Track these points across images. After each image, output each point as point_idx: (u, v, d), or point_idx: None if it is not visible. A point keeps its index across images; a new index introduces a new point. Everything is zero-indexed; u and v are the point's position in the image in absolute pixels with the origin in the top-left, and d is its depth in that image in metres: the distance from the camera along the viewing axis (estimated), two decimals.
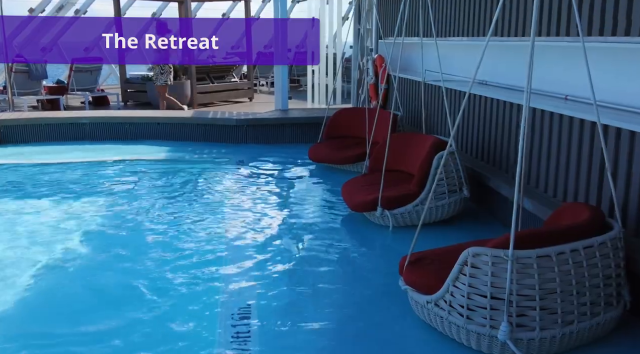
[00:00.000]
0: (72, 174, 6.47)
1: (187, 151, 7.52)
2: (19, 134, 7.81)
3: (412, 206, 4.58)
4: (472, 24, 5.73)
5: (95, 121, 8.10)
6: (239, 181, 6.31)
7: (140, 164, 6.90)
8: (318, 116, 7.84)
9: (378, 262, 4.12)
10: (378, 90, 8.14)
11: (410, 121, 7.31)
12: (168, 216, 5.01)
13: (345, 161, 6.43)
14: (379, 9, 8.63)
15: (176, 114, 8.71)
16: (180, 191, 5.83)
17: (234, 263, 4.00)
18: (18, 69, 10.65)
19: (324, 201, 5.62)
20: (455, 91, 5.88)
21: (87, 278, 3.75)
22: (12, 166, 6.78)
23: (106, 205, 5.29)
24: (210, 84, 12.34)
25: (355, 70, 10.13)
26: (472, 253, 2.62)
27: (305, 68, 13.52)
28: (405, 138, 5.27)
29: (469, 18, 5.80)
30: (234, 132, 8.06)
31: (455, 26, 6.14)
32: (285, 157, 7.29)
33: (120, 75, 12.27)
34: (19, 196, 5.59)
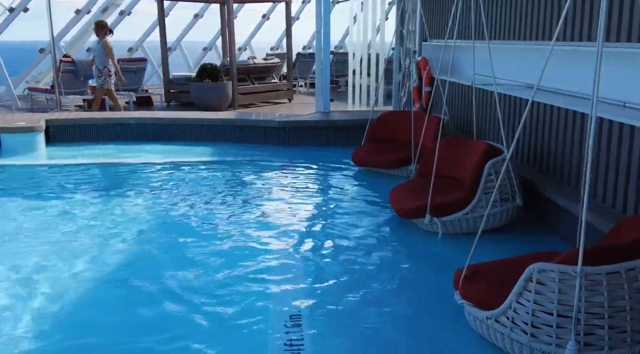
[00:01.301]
0: (117, 174, 6.57)
1: (229, 153, 7.55)
2: (67, 134, 7.97)
3: (462, 213, 4.47)
4: (524, 27, 5.57)
5: (142, 122, 8.21)
6: (281, 185, 6.29)
7: (184, 166, 6.96)
8: (360, 119, 7.79)
9: (428, 271, 4.03)
10: (421, 93, 8.02)
11: (456, 125, 7.17)
12: (211, 219, 5.02)
13: (390, 165, 6.35)
14: (423, 10, 8.49)
15: (219, 115, 8.76)
16: (223, 194, 5.84)
17: (280, 269, 3.97)
18: (65, 69, 10.89)
19: (370, 206, 5.55)
20: (506, 95, 5.73)
21: (131, 280, 3.77)
22: (59, 166, 6.93)
23: (149, 207, 5.33)
24: (251, 85, 12.39)
25: (397, 72, 10.03)
26: (538, 269, 2.52)
27: (344, 68, 13.47)
28: (455, 143, 5.16)
29: (520, 21, 5.64)
30: (276, 135, 8.06)
31: (506, 29, 5.98)
32: (327, 160, 7.25)
33: (164, 76, 12.43)
34: (64, 196, 5.68)
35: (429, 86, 7.76)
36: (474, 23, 5.26)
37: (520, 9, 5.64)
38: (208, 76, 11.17)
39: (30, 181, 6.36)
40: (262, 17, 17.62)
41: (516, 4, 5.72)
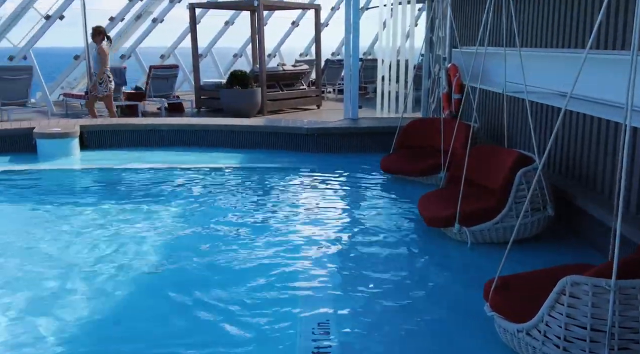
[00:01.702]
0: (148, 179, 6.68)
1: (258, 160, 7.62)
2: (101, 139, 8.14)
3: (492, 223, 4.43)
4: (556, 34, 5.50)
5: (173, 128, 8.34)
6: (309, 192, 6.32)
7: (213, 172, 7.03)
8: (389, 126, 7.77)
9: (457, 281, 4.00)
10: (451, 100, 7.97)
11: (486, 133, 7.10)
12: (240, 225, 5.05)
13: (419, 173, 6.31)
14: (454, 16, 8.45)
15: (248, 122, 8.84)
16: (251, 201, 5.89)
17: (308, 276, 3.99)
18: None
19: (398, 214, 5.53)
20: (537, 103, 5.66)
21: (162, 286, 3.82)
22: (92, 170, 7.08)
23: (179, 213, 5.40)
24: (280, 91, 12.47)
25: (426, 79, 9.98)
26: (571, 282, 2.48)
27: (373, 75, 13.46)
28: (485, 151, 5.11)
29: (553, 29, 5.57)
30: (305, 141, 8.09)
31: (537, 36, 5.91)
32: (356, 167, 7.25)
33: (195, 82, 12.60)
34: (97, 200, 5.80)
35: (459, 93, 7.72)
36: (505, 30, 5.21)
37: (552, 16, 5.57)
38: (238, 83, 11.28)
39: (64, 185, 6.52)
40: (291, 23, 17.74)
41: (548, 12, 5.65)
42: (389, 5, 10.19)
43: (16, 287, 3.76)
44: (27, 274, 3.97)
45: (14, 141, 7.74)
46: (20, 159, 7.40)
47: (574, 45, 5.19)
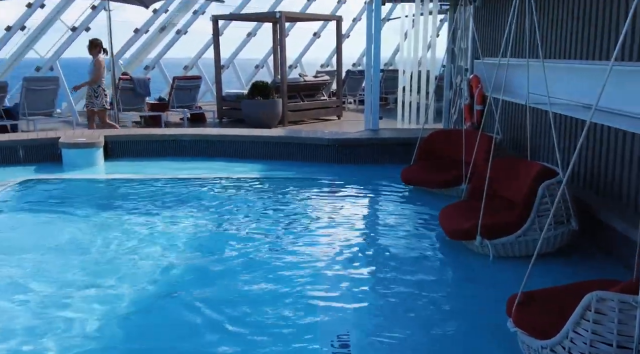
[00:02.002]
0: (169, 189, 6.72)
1: (279, 170, 7.64)
2: (124, 149, 8.25)
3: (514, 236, 4.37)
4: (580, 46, 5.45)
5: (195, 139, 8.42)
6: (329, 202, 6.31)
7: (234, 182, 7.08)
8: (410, 137, 7.74)
9: (479, 295, 3.94)
10: (473, 111, 7.93)
11: (509, 145, 7.04)
12: (260, 236, 5.06)
13: (440, 185, 6.27)
14: (476, 27, 8.43)
15: (269, 132, 8.90)
16: (272, 211, 5.91)
17: (328, 288, 3.98)
18: (123, 87, 11.31)
19: (419, 226, 5.50)
20: (561, 115, 5.60)
21: (182, 294, 3.84)
22: (116, 180, 7.18)
23: (200, 223, 5.43)
24: (301, 102, 12.54)
25: (448, 90, 9.94)
26: (597, 298, 2.44)
27: (394, 85, 13.45)
28: (508, 163, 5.06)
29: (577, 40, 5.52)
30: (325, 152, 8.10)
31: (561, 48, 5.86)
32: (376, 178, 7.23)
33: (217, 93, 12.73)
34: (119, 210, 5.86)
35: (481, 104, 7.68)
36: (528, 41, 5.17)
37: (577, 28, 5.52)
38: (259, 93, 11.37)
39: (88, 194, 6.61)
40: (313, 34, 17.84)
41: (572, 23, 5.60)
42: (410, 16, 10.19)
43: (39, 293, 3.81)
44: (49, 281, 4.02)
45: (40, 151, 7.89)
46: (45, 168, 7.52)
47: (598, 57, 5.13)
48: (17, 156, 7.78)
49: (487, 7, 8.32)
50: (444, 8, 10.43)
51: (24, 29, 12.81)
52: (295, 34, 16.98)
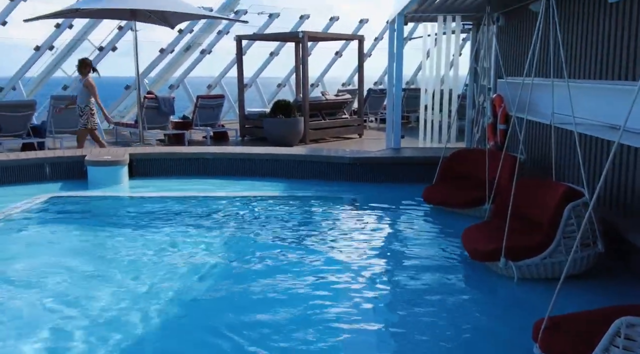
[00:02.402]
0: (191, 208, 6.77)
1: (300, 189, 7.65)
2: (148, 167, 8.34)
3: (539, 258, 4.30)
4: (605, 66, 5.39)
5: (217, 157, 8.49)
6: (351, 222, 6.29)
7: (256, 201, 7.10)
8: (432, 156, 7.69)
9: (503, 319, 3.87)
10: (496, 130, 7.87)
11: (533, 165, 6.96)
12: (282, 256, 5.05)
13: (463, 205, 6.21)
14: (499, 47, 8.41)
15: (291, 151, 8.94)
16: (293, 230, 5.90)
17: (349, 310, 3.93)
18: (148, 105, 11.50)
19: (441, 246, 5.44)
20: (586, 135, 5.53)
21: (201, 316, 3.84)
22: (140, 198, 7.26)
23: (221, 242, 5.45)
24: (322, 120, 12.59)
25: (471, 109, 9.90)
26: (627, 323, 2.38)
27: (415, 104, 13.45)
28: (532, 184, 5.00)
29: (602, 60, 5.46)
30: (347, 170, 8.09)
31: (586, 68, 5.80)
32: (398, 197, 7.19)
33: (239, 111, 12.86)
34: (142, 228, 5.91)
35: (504, 124, 7.61)
36: (553, 61, 5.14)
37: (602, 48, 5.47)
38: (281, 112, 11.47)
39: (112, 212, 6.69)
40: (335, 54, 17.98)
41: (597, 43, 5.56)
42: (432, 36, 10.22)
43: (63, 310, 3.85)
44: (72, 297, 4.06)
45: (66, 168, 8.02)
46: (71, 185, 7.64)
47: (624, 77, 5.07)
48: (44, 173, 7.93)
49: (510, 26, 8.30)
50: (466, 27, 10.45)
51: (52, 49, 13.15)
52: (318, 53, 17.15)
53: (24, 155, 8.39)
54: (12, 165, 7.83)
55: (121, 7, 9.70)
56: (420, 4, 7.92)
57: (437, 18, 9.40)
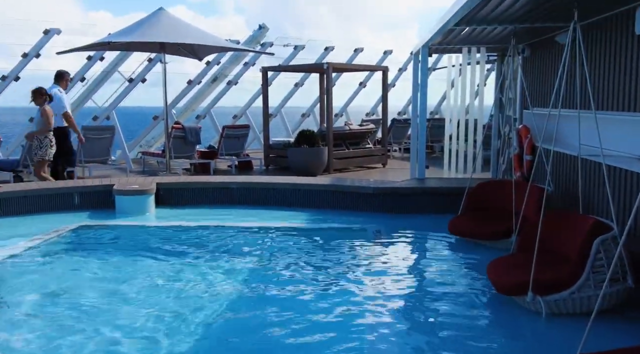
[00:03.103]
0: (215, 237, 6.80)
1: (324, 219, 7.65)
2: (175, 196, 8.44)
3: (568, 293, 4.21)
4: (634, 98, 5.33)
5: (242, 186, 8.56)
6: (375, 254, 6.25)
7: (279, 231, 7.11)
8: (457, 186, 7.65)
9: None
10: (522, 161, 7.79)
11: (560, 197, 6.86)
12: (304, 287, 5.03)
13: (489, 237, 6.13)
14: (525, 77, 8.39)
15: (315, 180, 8.96)
16: (315, 261, 5.88)
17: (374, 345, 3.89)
18: (175, 135, 11.69)
19: (466, 279, 5.37)
20: (615, 168, 5.44)
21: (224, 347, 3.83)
22: (166, 227, 7.34)
23: (243, 272, 5.45)
24: (346, 150, 12.63)
25: (496, 139, 9.84)
26: None
27: (440, 134, 13.42)
28: (559, 216, 4.93)
29: (630, 91, 5.41)
30: (371, 201, 8.08)
31: (614, 99, 5.75)
32: (423, 229, 7.14)
33: (264, 141, 12.99)
34: (167, 257, 5.94)
35: (531, 155, 7.55)
36: (579, 92, 5.11)
37: (630, 79, 5.42)
38: (305, 142, 11.54)
39: (139, 241, 6.77)
40: (359, 84, 18.12)
41: (624, 74, 5.52)
42: (457, 66, 10.25)
43: (89, 335, 3.89)
44: (100, 323, 4.10)
45: (95, 197, 8.17)
46: (98, 214, 7.77)
47: None
48: (73, 202, 8.08)
49: (536, 57, 8.29)
50: (491, 59, 10.46)
51: (83, 81, 13.52)
52: (342, 83, 17.31)
53: (54, 184, 8.58)
54: (43, 194, 8.01)
55: (152, 40, 9.97)
56: (445, 36, 7.97)
57: (462, 49, 9.44)
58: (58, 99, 9.41)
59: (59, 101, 9.41)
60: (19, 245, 6.21)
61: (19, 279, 5.26)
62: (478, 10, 5.90)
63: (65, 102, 9.59)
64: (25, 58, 12.56)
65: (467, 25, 6.96)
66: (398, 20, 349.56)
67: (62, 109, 9.43)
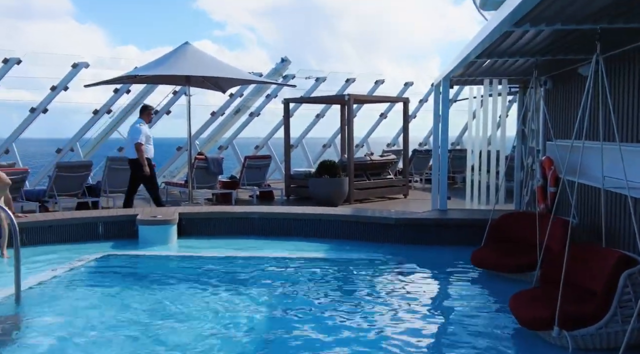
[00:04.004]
0: (239, 268, 6.82)
1: (345, 250, 7.62)
2: (196, 226, 8.50)
3: (594, 328, 4.12)
4: None
5: (264, 216, 8.60)
6: (396, 286, 6.18)
7: (300, 262, 7.10)
8: (480, 218, 7.59)
9: None
10: (546, 193, 7.71)
11: (585, 230, 6.75)
12: (323, 320, 4.98)
13: (514, 270, 6.04)
14: (548, 108, 8.36)
15: (336, 211, 8.97)
16: (336, 294, 5.85)
17: None
18: (198, 166, 11.84)
19: (489, 312, 5.28)
20: None
21: None
22: (186, 257, 7.38)
23: (264, 303, 5.44)
24: (367, 180, 12.64)
25: (519, 171, 9.76)
26: None
27: (461, 165, 13.36)
28: (583, 250, 4.85)
29: None
30: (392, 232, 8.04)
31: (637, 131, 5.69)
32: (445, 260, 7.07)
33: (285, 171, 13.07)
34: (190, 287, 5.97)
35: (555, 186, 7.46)
36: (602, 124, 5.08)
37: None
38: (326, 172, 11.58)
39: (161, 271, 6.81)
40: (380, 115, 18.22)
41: None
42: (478, 98, 10.27)
43: None
44: None
45: (119, 227, 8.26)
46: (122, 244, 7.85)
47: None
48: (97, 232, 8.19)
49: (558, 89, 8.28)
50: (512, 90, 10.46)
51: (109, 113, 13.83)
52: (363, 114, 17.42)
53: (79, 214, 8.71)
54: (68, 223, 8.13)
55: (177, 73, 10.20)
56: (466, 68, 8.02)
57: (483, 81, 9.47)
58: (134, 130, 9.80)
59: (134, 132, 9.79)
60: (44, 273, 6.30)
61: (43, 307, 5.32)
62: (499, 43, 5.93)
63: (140, 134, 9.80)
64: (53, 91, 12.91)
65: (488, 58, 7.00)
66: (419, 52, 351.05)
67: (134, 140, 9.73)
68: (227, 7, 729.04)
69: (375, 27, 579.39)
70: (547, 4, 4.09)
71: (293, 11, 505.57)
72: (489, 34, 5.27)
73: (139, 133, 9.78)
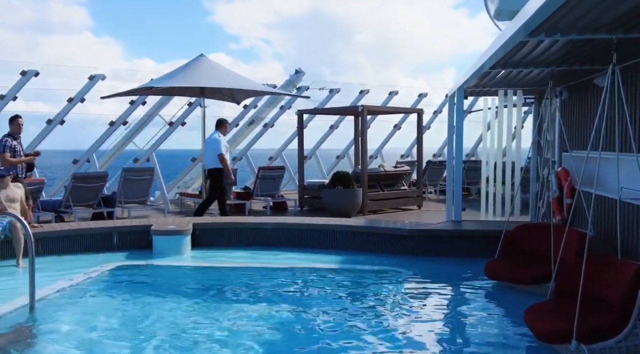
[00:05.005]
0: (252, 278, 6.81)
1: (358, 261, 7.58)
2: (210, 237, 8.51)
3: (614, 341, 4.04)
4: None
5: (277, 227, 8.60)
6: (409, 298, 6.14)
7: (313, 273, 7.08)
8: (494, 229, 7.51)
9: None
10: (562, 205, 7.63)
11: (601, 242, 6.65)
12: (335, 331, 4.96)
13: (529, 282, 5.96)
14: (563, 119, 8.29)
15: (349, 222, 8.95)
16: (350, 305, 5.81)
17: None
18: None
19: (504, 325, 5.22)
20: None
21: None
22: (199, 268, 7.39)
23: (277, 314, 5.42)
24: (381, 191, 12.60)
25: (535, 182, 9.67)
26: None
27: (476, 176, 13.27)
28: (600, 262, 4.77)
29: None
30: (406, 243, 7.99)
31: None
32: (458, 272, 7.01)
33: (299, 182, 13.08)
34: (203, 298, 5.96)
35: (571, 198, 7.38)
36: (618, 135, 5.02)
37: None
38: (340, 183, 11.57)
39: (174, 281, 6.83)
40: (393, 126, 18.19)
41: None
42: (493, 109, 10.21)
43: None
44: None
45: (133, 237, 8.30)
46: (136, 254, 7.87)
47: None
48: (112, 242, 8.23)
49: (574, 99, 8.21)
50: (528, 101, 10.39)
51: (125, 124, 13.96)
52: (376, 126, 17.39)
53: (94, 224, 8.77)
54: (83, 234, 8.18)
55: (192, 85, 10.29)
56: (480, 79, 7.98)
57: (498, 92, 9.42)
58: (215, 141, 10.16)
59: (215, 143, 10.14)
60: (59, 283, 6.33)
61: (57, 316, 5.34)
62: (514, 54, 5.90)
63: (221, 145, 10.16)
64: (70, 102, 13.07)
65: (503, 68, 6.96)
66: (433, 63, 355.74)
67: (217, 151, 10.07)
68: (243, 20, 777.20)
69: (390, 39, 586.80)
70: (562, 13, 4.06)
71: (307, 24, 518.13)
72: (504, 44, 5.25)
73: (219, 144, 10.13)
